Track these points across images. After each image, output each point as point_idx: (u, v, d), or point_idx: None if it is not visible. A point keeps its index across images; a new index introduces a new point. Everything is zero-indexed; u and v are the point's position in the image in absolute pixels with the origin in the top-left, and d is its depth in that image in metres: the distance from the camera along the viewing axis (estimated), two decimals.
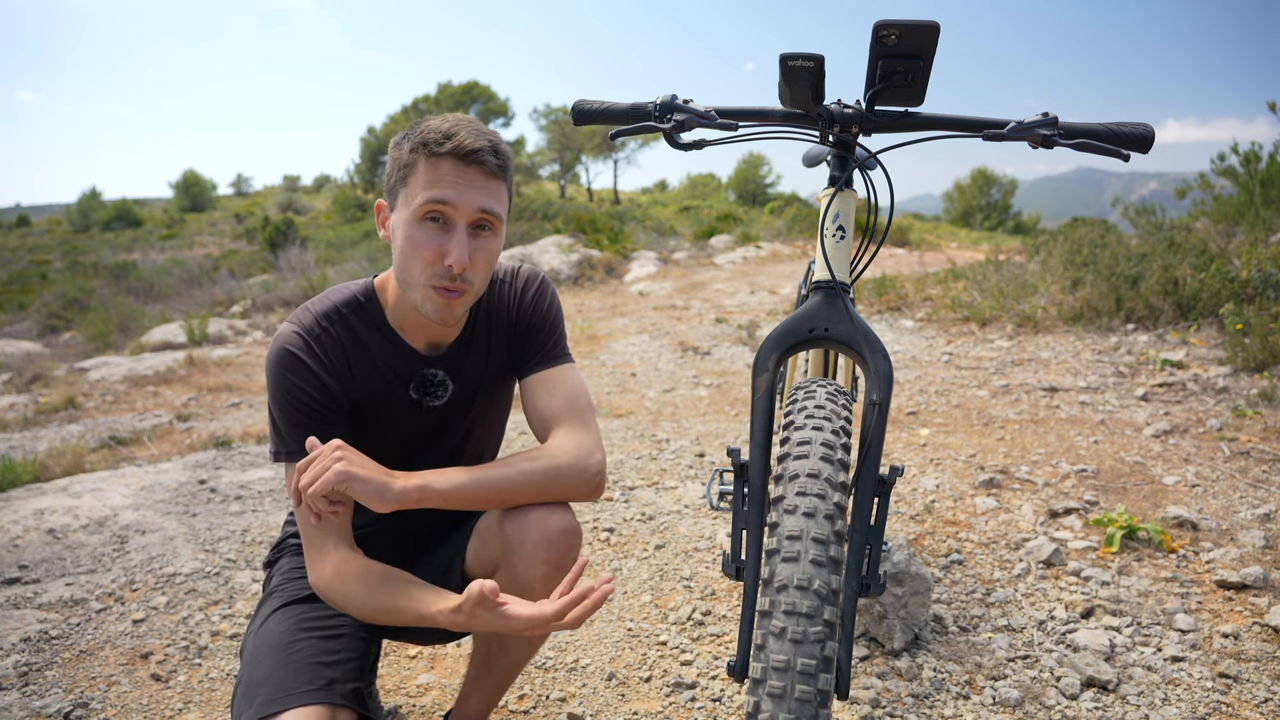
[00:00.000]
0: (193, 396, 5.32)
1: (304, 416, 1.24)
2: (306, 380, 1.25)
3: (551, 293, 1.45)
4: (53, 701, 1.86)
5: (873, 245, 1.33)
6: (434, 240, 1.20)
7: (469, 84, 46.53)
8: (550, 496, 1.26)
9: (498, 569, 1.29)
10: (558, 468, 1.25)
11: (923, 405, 4.03)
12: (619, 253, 11.87)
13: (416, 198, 1.19)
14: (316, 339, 1.27)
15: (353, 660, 1.28)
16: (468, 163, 1.19)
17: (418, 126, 1.22)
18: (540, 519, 1.24)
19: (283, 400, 1.24)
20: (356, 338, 1.31)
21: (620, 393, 4.61)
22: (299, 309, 1.31)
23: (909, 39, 1.16)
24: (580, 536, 1.29)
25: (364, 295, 1.33)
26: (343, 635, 1.30)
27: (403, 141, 1.22)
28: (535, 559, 1.24)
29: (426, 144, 1.18)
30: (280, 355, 1.25)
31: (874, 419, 1.14)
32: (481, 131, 1.21)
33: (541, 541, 1.23)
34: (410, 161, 1.20)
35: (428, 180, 1.18)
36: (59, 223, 50.15)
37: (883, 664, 1.90)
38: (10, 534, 2.77)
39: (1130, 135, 1.20)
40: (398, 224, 1.23)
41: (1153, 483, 2.89)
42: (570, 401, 1.35)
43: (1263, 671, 1.81)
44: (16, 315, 12.94)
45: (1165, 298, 5.24)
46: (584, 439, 1.30)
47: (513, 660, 1.40)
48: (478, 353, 1.40)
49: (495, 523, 1.29)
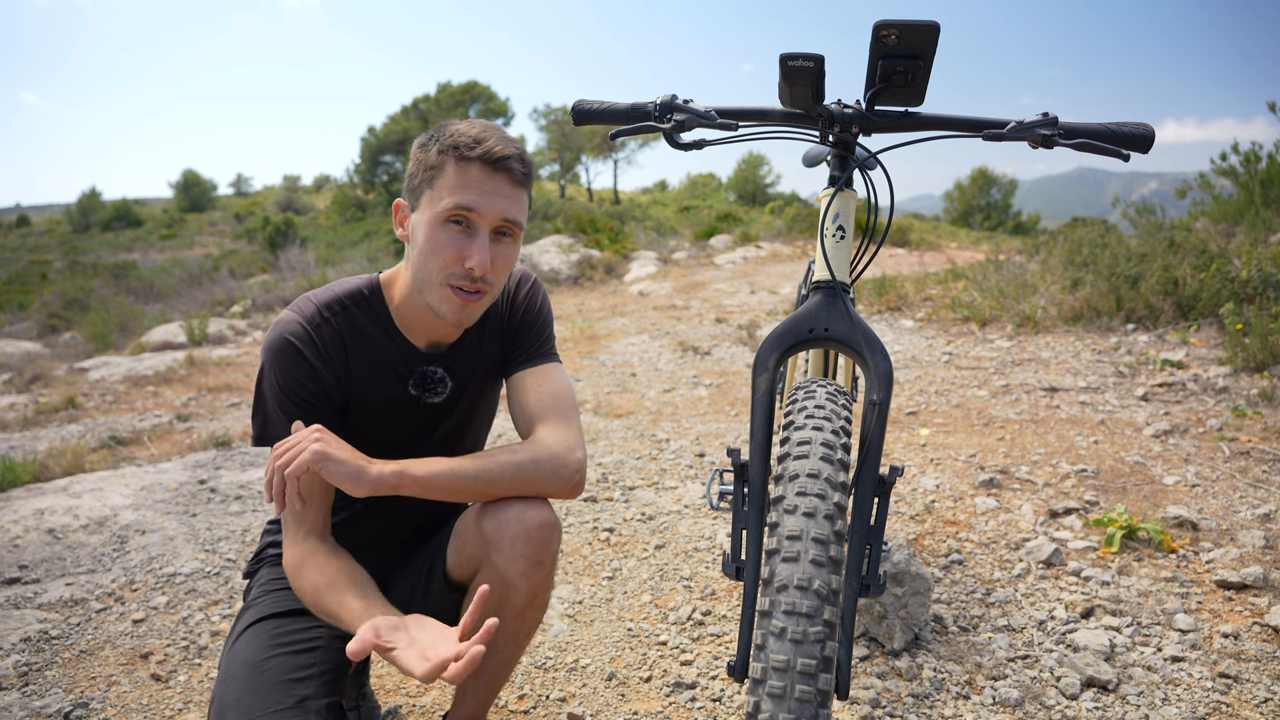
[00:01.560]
0: (193, 396, 5.32)
1: (293, 405, 1.25)
2: (302, 370, 1.25)
3: (543, 293, 1.48)
4: (53, 701, 1.86)
5: (873, 245, 1.33)
6: (456, 243, 1.21)
7: (469, 84, 46.52)
8: (529, 490, 1.26)
9: (479, 566, 1.29)
10: (537, 461, 1.26)
11: (923, 405, 4.03)
12: (619, 253, 11.86)
13: (442, 200, 1.20)
14: (317, 328, 1.27)
15: (328, 673, 1.24)
16: (495, 169, 1.20)
17: (446, 129, 1.23)
18: (518, 514, 1.24)
19: (275, 387, 1.25)
20: (358, 331, 1.31)
21: (620, 393, 4.61)
22: (301, 297, 1.32)
23: (909, 39, 1.16)
24: (559, 531, 1.28)
25: (369, 290, 1.34)
26: (317, 648, 1.26)
27: (429, 143, 1.24)
28: (515, 554, 1.23)
29: (457, 147, 1.20)
30: (279, 343, 1.25)
31: (874, 419, 1.14)
32: (510, 140, 1.23)
33: (520, 536, 1.23)
34: (438, 164, 1.21)
35: (455, 184, 1.20)
36: (59, 223, 50.16)
37: (883, 664, 1.90)
38: (10, 534, 2.77)
39: (1130, 135, 1.21)
40: (419, 224, 1.24)
41: (1153, 483, 2.89)
42: (555, 399, 1.36)
43: (1263, 671, 1.81)
44: (16, 315, 12.95)
45: (1165, 298, 5.24)
46: (566, 436, 1.30)
47: (501, 659, 1.39)
48: (473, 351, 1.41)
49: (473, 520, 1.29)
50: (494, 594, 1.27)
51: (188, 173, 57.92)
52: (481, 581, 1.28)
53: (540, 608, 1.32)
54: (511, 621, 1.31)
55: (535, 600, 1.29)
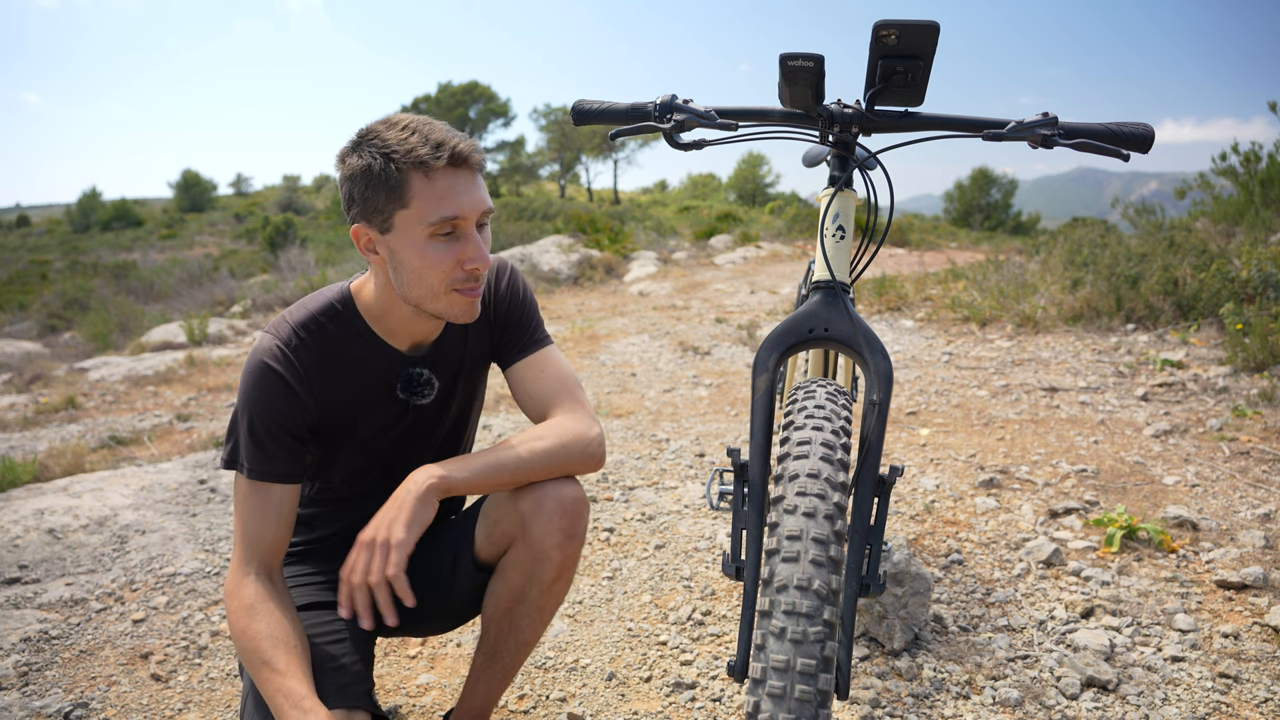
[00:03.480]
0: (193, 396, 5.32)
1: (265, 434, 1.24)
2: (278, 397, 1.24)
3: (523, 280, 1.49)
4: (53, 701, 1.86)
5: (873, 245, 1.33)
6: (449, 252, 1.20)
7: (469, 84, 46.54)
8: (559, 471, 1.32)
9: (513, 543, 1.33)
10: (565, 443, 1.31)
11: (923, 405, 4.03)
12: (619, 253, 11.86)
13: (426, 218, 1.16)
14: (294, 350, 1.26)
15: (359, 663, 1.30)
16: (460, 167, 1.18)
17: (379, 138, 1.16)
18: (555, 490, 1.30)
19: (253, 416, 1.24)
20: (336, 346, 1.30)
21: (620, 393, 4.61)
22: (276, 319, 1.31)
23: (909, 39, 1.16)
24: (589, 507, 1.36)
25: (341, 303, 1.32)
26: (343, 639, 1.31)
27: (369, 154, 1.15)
28: (552, 525, 1.29)
29: (418, 158, 1.14)
30: (257, 369, 1.24)
31: (874, 419, 1.14)
32: (455, 130, 1.21)
33: (557, 510, 1.29)
34: (399, 179, 1.15)
35: (432, 197, 1.16)
36: (59, 223, 50.16)
37: (883, 664, 1.90)
38: (10, 534, 2.77)
39: (1130, 135, 1.21)
40: (402, 247, 1.20)
41: (1153, 483, 2.89)
42: (561, 382, 1.41)
43: (1263, 671, 1.81)
44: (16, 315, 12.95)
45: (1165, 298, 5.24)
46: (581, 415, 1.37)
47: (522, 640, 1.41)
48: (455, 345, 1.41)
49: (507, 501, 1.33)
50: (524, 568, 1.32)
51: (188, 173, 57.90)
52: (514, 557, 1.33)
53: (566, 583, 1.36)
54: (538, 598, 1.34)
55: (564, 574, 1.34)
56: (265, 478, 1.24)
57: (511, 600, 1.36)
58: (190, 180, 57.64)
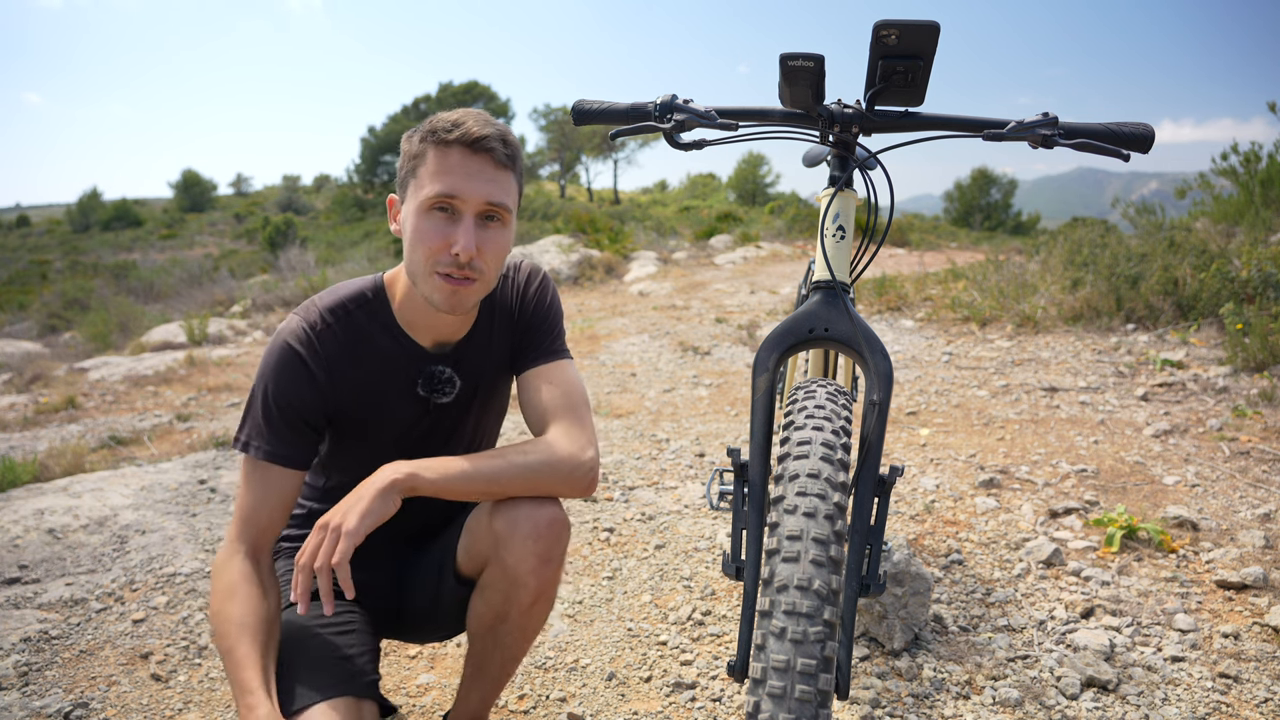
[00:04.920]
0: (193, 396, 5.32)
1: (285, 420, 1.25)
2: (298, 380, 1.25)
3: (553, 288, 1.47)
4: (53, 701, 1.86)
5: (873, 245, 1.33)
6: (441, 230, 1.20)
7: (469, 84, 46.54)
8: (542, 490, 1.26)
9: (488, 563, 1.30)
10: (551, 462, 1.25)
11: (923, 405, 4.03)
12: (619, 253, 11.86)
13: (424, 189, 1.19)
14: (319, 334, 1.27)
15: (366, 653, 1.29)
16: (475, 151, 1.19)
17: (427, 120, 1.23)
18: (530, 512, 1.24)
19: (267, 394, 1.25)
20: (361, 334, 1.31)
21: (620, 393, 4.61)
22: (306, 302, 1.31)
23: (909, 39, 1.16)
24: (568, 529, 1.29)
25: (372, 291, 1.33)
26: (353, 631, 1.31)
27: (413, 134, 1.24)
28: (526, 550, 1.24)
29: (435, 132, 1.19)
30: (280, 348, 1.25)
31: (874, 419, 1.14)
32: (490, 121, 1.22)
33: (531, 534, 1.23)
34: (419, 152, 1.21)
35: (435, 170, 1.19)
36: (59, 223, 50.17)
37: (883, 664, 1.90)
38: (10, 534, 2.77)
39: (1130, 135, 1.21)
40: (407, 216, 1.24)
41: (1153, 483, 2.89)
42: (567, 397, 1.35)
43: (1263, 671, 1.81)
44: (16, 315, 12.95)
45: (1165, 298, 5.24)
46: (579, 435, 1.30)
47: (508, 655, 1.39)
48: (482, 348, 1.40)
49: (484, 518, 1.29)
50: (501, 590, 1.28)
51: (188, 173, 57.92)
52: (490, 578, 1.29)
53: (547, 604, 1.32)
54: (518, 618, 1.31)
55: (542, 597, 1.29)
56: (268, 458, 1.24)
57: (493, 619, 1.33)
58: (190, 180, 57.65)
